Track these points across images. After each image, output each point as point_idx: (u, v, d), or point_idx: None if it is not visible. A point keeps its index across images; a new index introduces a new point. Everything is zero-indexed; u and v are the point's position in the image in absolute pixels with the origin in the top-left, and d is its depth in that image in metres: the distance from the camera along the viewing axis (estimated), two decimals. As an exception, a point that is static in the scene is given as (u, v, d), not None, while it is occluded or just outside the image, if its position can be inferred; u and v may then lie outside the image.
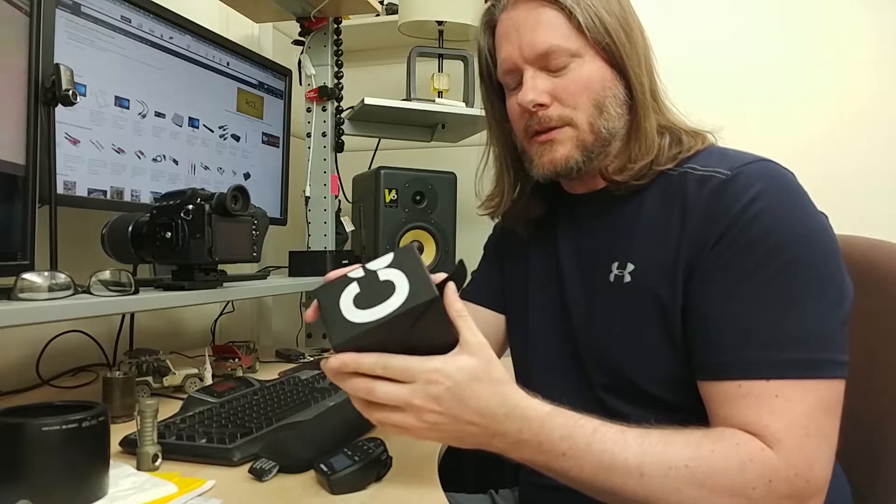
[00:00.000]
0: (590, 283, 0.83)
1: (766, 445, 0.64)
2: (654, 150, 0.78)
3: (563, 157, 0.80)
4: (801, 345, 0.66)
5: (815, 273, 0.68)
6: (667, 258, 0.74)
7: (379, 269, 0.61)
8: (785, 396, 0.65)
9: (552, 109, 0.79)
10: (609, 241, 0.81)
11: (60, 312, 0.84)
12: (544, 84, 0.79)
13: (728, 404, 0.67)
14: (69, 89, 0.93)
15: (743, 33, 1.95)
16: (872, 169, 1.86)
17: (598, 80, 0.79)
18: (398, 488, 0.77)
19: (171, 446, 0.82)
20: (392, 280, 0.60)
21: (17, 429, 0.64)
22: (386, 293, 0.59)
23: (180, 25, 1.31)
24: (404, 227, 1.78)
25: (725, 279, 0.69)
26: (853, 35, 1.88)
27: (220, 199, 1.02)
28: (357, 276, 0.60)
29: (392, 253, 0.61)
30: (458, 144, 2.06)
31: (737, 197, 0.70)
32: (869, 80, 1.87)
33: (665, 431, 0.66)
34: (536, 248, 0.93)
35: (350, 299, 0.59)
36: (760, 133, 1.88)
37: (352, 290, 0.60)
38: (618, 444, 0.64)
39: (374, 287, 0.60)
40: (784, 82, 1.92)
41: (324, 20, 1.74)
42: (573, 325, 0.84)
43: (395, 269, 0.60)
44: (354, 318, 0.59)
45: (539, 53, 0.79)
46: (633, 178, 0.79)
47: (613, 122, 0.79)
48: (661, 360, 0.75)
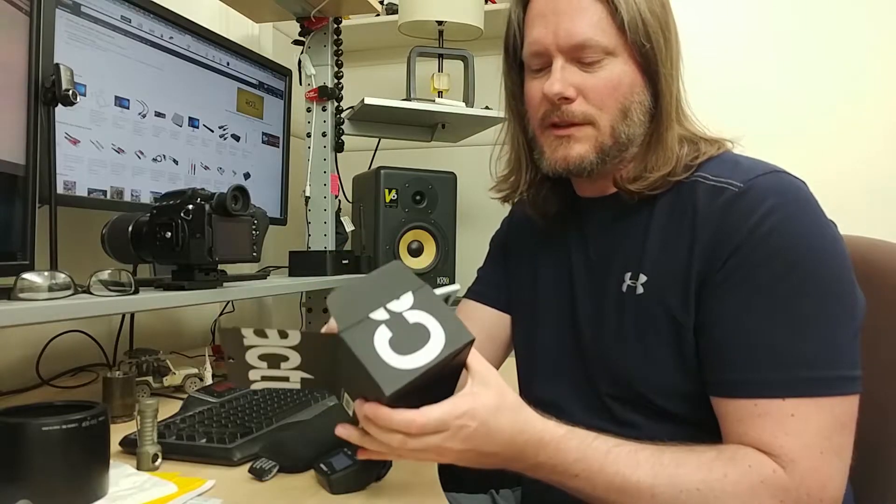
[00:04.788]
0: (601, 290, 0.82)
1: (778, 466, 0.64)
2: (673, 162, 0.76)
3: (577, 155, 0.77)
4: (816, 363, 0.66)
5: (828, 289, 0.68)
6: (678, 271, 0.73)
7: (404, 312, 0.60)
8: (800, 415, 0.65)
9: (577, 105, 0.76)
10: (621, 249, 0.80)
11: (60, 312, 0.84)
12: (573, 77, 0.76)
13: (743, 422, 0.67)
14: (69, 89, 0.93)
15: (744, 33, 1.95)
16: (872, 169, 1.86)
17: (627, 84, 0.76)
18: (398, 488, 0.77)
19: (171, 446, 0.82)
20: (423, 323, 0.60)
21: (17, 429, 0.64)
22: (422, 337, 0.59)
23: (180, 25, 1.31)
24: (404, 227, 1.78)
25: (740, 296, 0.69)
26: (854, 35, 1.88)
27: (220, 199, 1.02)
28: (382, 319, 0.60)
29: (410, 293, 0.61)
30: (458, 144, 2.06)
31: (750, 212, 0.70)
32: (869, 80, 1.87)
33: (678, 451, 0.66)
34: (546, 249, 0.91)
35: (385, 344, 0.58)
36: (760, 132, 1.87)
37: (383, 334, 0.59)
38: (630, 465, 0.64)
39: (406, 331, 0.59)
40: (784, 82, 1.92)
41: (324, 20, 1.74)
42: (582, 332, 0.83)
43: (422, 311, 0.61)
44: (400, 364, 0.58)
45: (575, 44, 0.75)
46: (648, 188, 0.77)
47: (635, 128, 0.77)
48: (671, 373, 0.74)
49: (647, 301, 0.76)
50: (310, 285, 1.53)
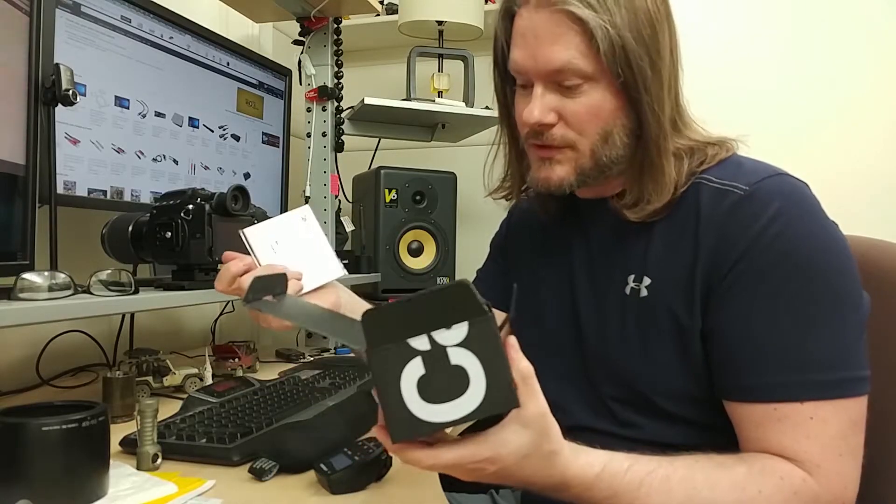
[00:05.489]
0: (603, 293, 0.81)
1: (806, 474, 0.65)
2: (671, 190, 0.74)
3: (558, 178, 0.77)
4: (831, 365, 0.67)
5: (836, 290, 0.69)
6: (682, 275, 0.73)
7: (449, 347, 0.51)
8: (819, 418, 0.66)
9: (557, 129, 0.76)
10: (623, 251, 0.80)
11: (60, 312, 0.84)
12: (553, 102, 0.75)
13: (762, 427, 0.68)
14: (69, 89, 0.93)
15: (744, 33, 1.95)
16: (873, 169, 1.86)
17: (608, 110, 0.74)
18: (398, 488, 0.77)
19: (171, 446, 0.82)
20: (465, 367, 0.51)
21: (17, 429, 0.64)
22: (457, 387, 0.51)
23: (180, 25, 1.31)
24: (404, 226, 1.78)
25: (750, 301, 0.69)
26: (854, 35, 1.88)
27: (220, 199, 1.02)
28: (421, 349, 0.51)
29: (466, 324, 0.51)
30: (458, 144, 2.06)
31: (755, 216, 0.70)
32: (870, 80, 1.87)
33: (708, 469, 0.65)
34: (546, 250, 0.91)
35: (413, 383, 0.51)
36: (760, 133, 1.87)
37: (415, 368, 0.51)
38: (662, 494, 0.63)
39: (442, 373, 0.51)
40: (784, 82, 1.92)
41: (324, 20, 1.74)
42: (584, 334, 0.83)
43: (469, 350, 0.51)
44: (420, 412, 0.50)
45: (552, 70, 0.74)
46: (647, 217, 0.76)
47: (617, 151, 0.76)
48: (674, 375, 0.74)
49: (651, 304, 0.76)
50: (310, 285, 1.53)
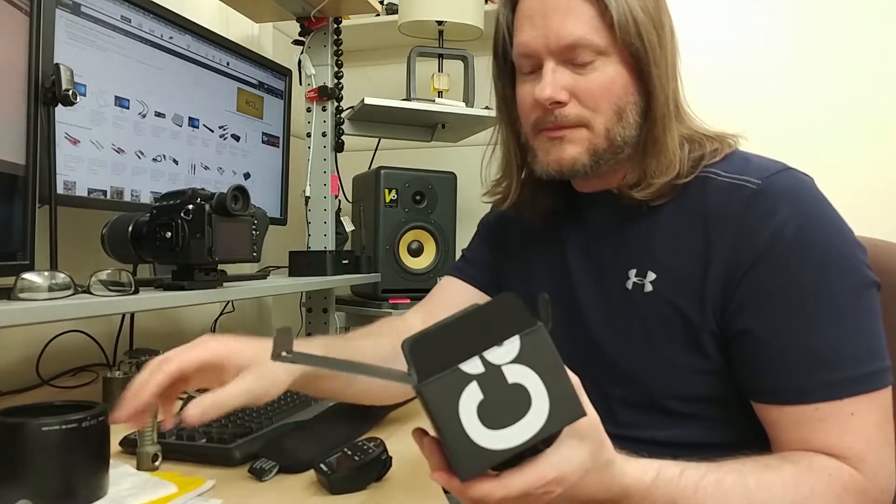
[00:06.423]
0: (603, 288, 0.80)
1: (853, 469, 0.65)
2: (676, 168, 0.74)
3: (571, 157, 0.75)
4: (864, 359, 0.67)
5: (857, 283, 0.69)
6: (692, 272, 0.72)
7: (503, 365, 0.48)
8: (859, 413, 0.66)
9: (570, 108, 0.74)
10: (624, 245, 0.79)
11: (60, 312, 0.84)
12: (565, 79, 0.73)
13: (803, 427, 0.67)
14: (69, 89, 0.93)
15: (744, 33, 1.95)
16: (873, 169, 1.86)
17: (621, 84, 0.73)
18: (398, 488, 0.77)
19: (171, 446, 0.82)
20: (524, 385, 0.48)
21: (17, 429, 0.64)
22: (520, 406, 0.47)
23: (180, 25, 1.31)
24: (404, 227, 1.78)
25: (779, 302, 0.68)
26: (855, 35, 1.88)
27: (220, 199, 1.02)
28: (475, 374, 0.47)
29: (517, 338, 0.48)
30: (458, 144, 2.06)
31: (770, 214, 0.69)
32: (870, 80, 1.87)
33: (758, 473, 0.64)
34: (539, 245, 0.89)
35: (473, 411, 0.47)
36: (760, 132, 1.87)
37: (472, 394, 0.47)
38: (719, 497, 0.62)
39: (502, 394, 0.47)
40: (784, 82, 1.92)
41: (324, 20, 1.74)
42: (582, 330, 0.82)
43: (526, 366, 0.48)
44: (486, 441, 0.47)
45: (566, 45, 0.72)
46: (654, 196, 0.75)
47: (630, 130, 0.75)
48: (680, 373, 0.74)
49: (656, 299, 0.75)
50: (310, 285, 1.53)
